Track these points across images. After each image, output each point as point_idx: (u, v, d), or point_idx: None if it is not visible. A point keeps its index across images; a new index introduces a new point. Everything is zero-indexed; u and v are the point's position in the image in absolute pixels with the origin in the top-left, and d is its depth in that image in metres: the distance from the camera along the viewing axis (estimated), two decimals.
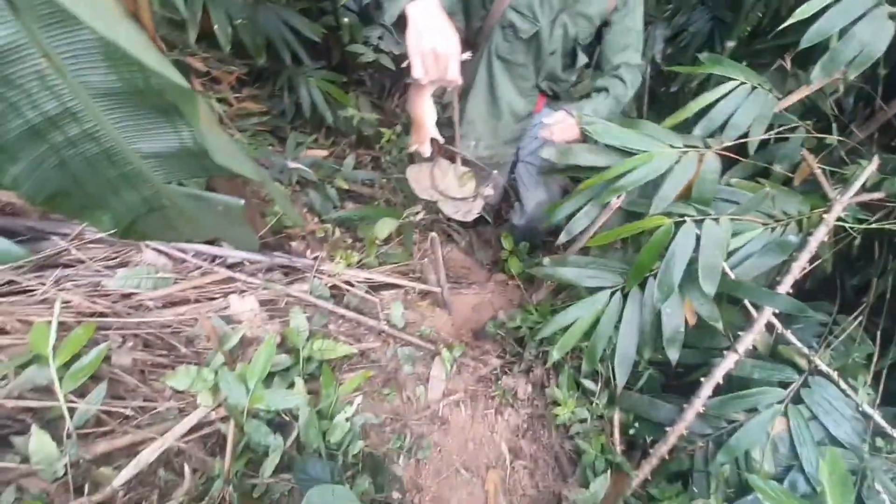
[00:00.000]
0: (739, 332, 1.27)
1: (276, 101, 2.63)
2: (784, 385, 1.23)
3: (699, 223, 1.19)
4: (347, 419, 1.13)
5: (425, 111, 1.07)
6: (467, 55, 1.01)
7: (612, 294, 1.33)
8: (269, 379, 1.21)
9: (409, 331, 1.62)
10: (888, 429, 1.14)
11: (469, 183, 1.28)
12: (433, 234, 1.40)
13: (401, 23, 0.95)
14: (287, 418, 1.17)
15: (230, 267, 1.46)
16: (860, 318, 1.31)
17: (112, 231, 1.15)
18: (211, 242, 1.50)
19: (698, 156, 1.24)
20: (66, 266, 1.27)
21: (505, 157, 1.71)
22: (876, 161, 1.27)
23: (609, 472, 1.22)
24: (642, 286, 1.31)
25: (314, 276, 1.52)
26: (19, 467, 0.89)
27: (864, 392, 1.17)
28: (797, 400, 1.21)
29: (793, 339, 1.24)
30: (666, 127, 1.32)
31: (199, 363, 1.21)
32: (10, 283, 1.21)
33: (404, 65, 0.98)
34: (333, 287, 1.58)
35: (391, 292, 1.75)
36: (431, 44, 0.92)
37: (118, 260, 1.37)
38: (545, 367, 1.52)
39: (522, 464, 1.33)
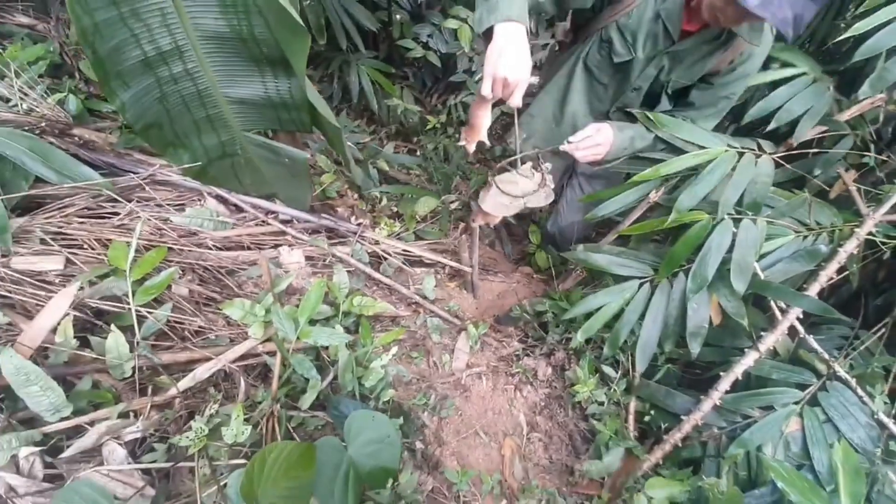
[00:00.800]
0: (762, 333, 1.31)
1: (325, 85, 2.76)
2: (802, 387, 1.27)
3: (737, 222, 1.25)
4: (382, 367, 1.21)
5: (482, 120, 1.13)
6: (535, 79, 1.07)
7: (641, 284, 1.39)
8: (311, 325, 1.29)
9: (438, 305, 1.69)
10: None
11: (533, 173, 1.32)
12: (476, 221, 1.47)
13: (487, 36, 0.97)
14: (325, 362, 1.25)
15: (282, 222, 1.56)
16: (881, 332, 1.34)
17: (188, 168, 1.26)
18: (266, 200, 1.61)
19: (755, 159, 1.29)
20: (138, 200, 1.38)
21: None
22: None
23: (622, 451, 1.26)
24: (671, 280, 1.37)
25: (357, 241, 1.61)
26: (94, 364, 0.98)
27: (881, 400, 1.20)
28: (813, 402, 1.25)
29: (814, 343, 1.27)
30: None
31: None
32: (87, 208, 1.32)
33: (476, 79, 1.05)
34: (372, 254, 1.66)
35: (424, 269, 1.83)
36: (506, 69, 0.93)
37: (183, 203, 1.47)
38: (567, 352, 1.58)
39: (538, 436, 1.38)
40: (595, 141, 1.28)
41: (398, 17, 2.79)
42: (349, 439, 0.91)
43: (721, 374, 1.31)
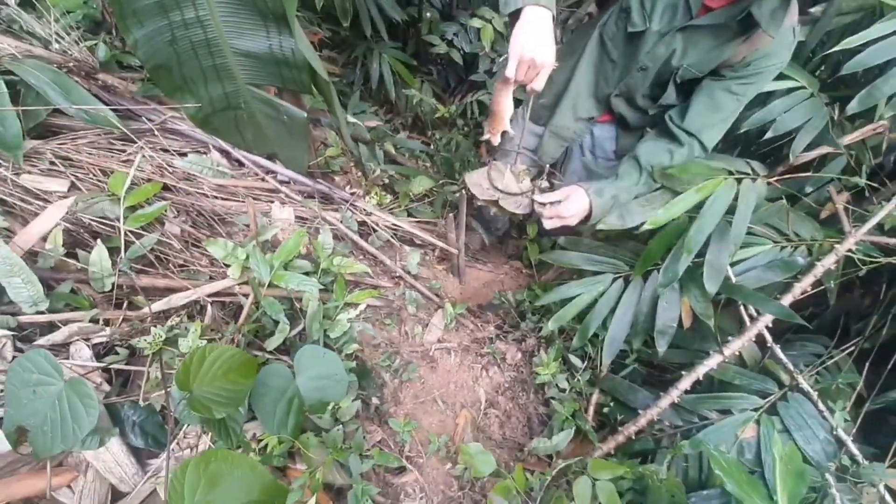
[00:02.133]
0: (730, 338, 1.31)
1: (347, 71, 2.87)
2: (763, 395, 1.26)
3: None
4: (349, 320, 1.25)
5: (505, 106, 1.10)
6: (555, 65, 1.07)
7: (616, 279, 1.41)
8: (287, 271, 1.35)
9: (420, 281, 1.74)
10: (859, 456, 1.15)
11: (525, 179, 1.34)
12: (463, 190, 1.52)
13: (513, 17, 0.96)
14: (298, 312, 1.30)
15: (279, 182, 1.63)
16: (851, 350, 1.32)
17: (193, 113, 1.34)
18: (268, 160, 1.69)
19: (752, 183, 1.26)
20: (147, 143, 1.47)
21: (551, 147, 1.55)
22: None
23: (575, 433, 1.27)
24: (645, 277, 1.38)
25: (347, 208, 1.67)
26: (77, 273, 1.06)
27: (841, 416, 1.18)
28: (773, 411, 1.24)
29: (780, 354, 1.27)
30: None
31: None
32: (98, 142, 1.41)
33: (501, 59, 1.05)
34: (362, 224, 1.72)
35: (413, 248, 1.88)
36: (533, 52, 0.93)
37: (189, 151, 1.56)
38: (538, 339, 1.59)
39: (495, 413, 1.40)
40: (561, 212, 1.23)
41: (428, 14, 2.89)
42: (298, 370, 0.95)
43: (682, 373, 1.32)
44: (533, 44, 0.94)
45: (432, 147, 2.89)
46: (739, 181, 1.25)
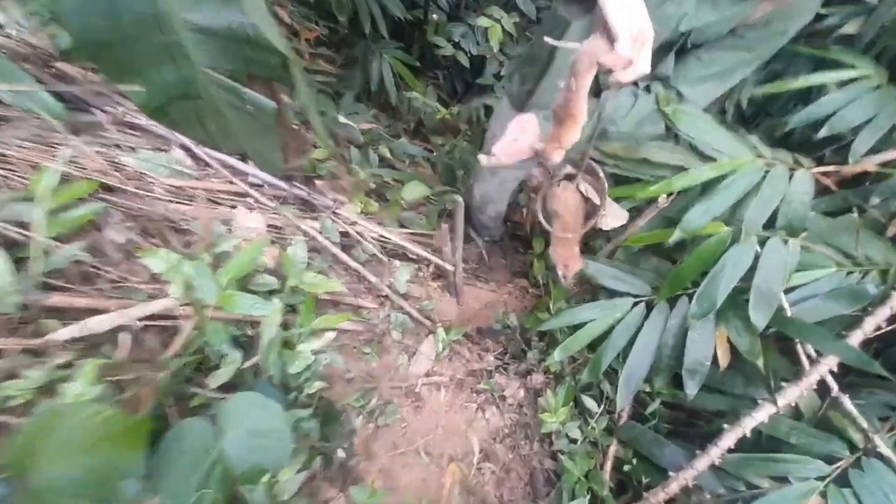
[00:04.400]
0: (782, 384, 1.06)
1: (347, 72, 2.70)
2: (829, 460, 1.00)
3: (763, 240, 1.02)
4: (313, 351, 1.03)
5: (581, 107, 0.81)
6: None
7: (636, 303, 1.17)
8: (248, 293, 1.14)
9: (410, 302, 1.51)
10: None
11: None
12: (458, 198, 1.30)
13: None
14: (252, 336, 1.08)
15: (250, 185, 1.43)
16: None
17: (144, 104, 1.15)
18: (242, 161, 1.49)
19: (788, 172, 1.05)
20: (97, 137, 1.28)
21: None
22: None
23: (590, 500, 1.02)
24: (672, 303, 1.14)
25: (328, 217, 1.46)
26: None
27: None
28: (843, 482, 0.98)
29: (850, 406, 1.01)
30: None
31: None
32: (39, 135, 1.23)
33: (618, 43, 0.74)
34: (345, 234, 1.51)
35: (406, 263, 1.66)
36: (641, 23, 0.71)
37: (147, 148, 1.37)
38: (546, 376, 1.35)
39: (491, 468, 1.16)
40: (525, 135, 0.97)
41: (434, 16, 2.73)
42: (227, 426, 0.73)
43: (725, 426, 1.06)
44: (637, 13, 0.70)
45: (435, 154, 2.70)
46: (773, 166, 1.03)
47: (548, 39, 0.76)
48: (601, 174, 0.95)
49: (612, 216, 1.05)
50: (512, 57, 2.70)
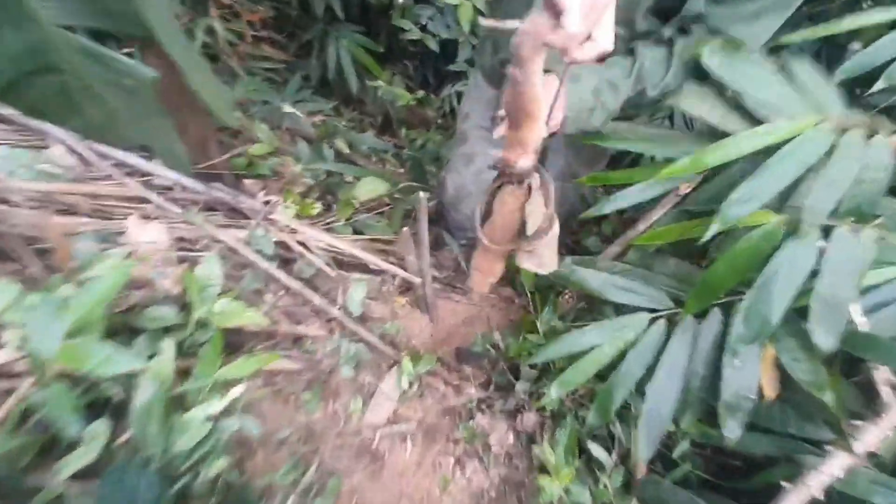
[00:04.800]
0: (856, 422, 0.79)
1: (303, 60, 2.41)
2: None
3: (825, 232, 0.75)
4: (209, 418, 0.72)
5: (536, 99, 0.62)
6: None
7: (654, 320, 0.89)
8: (129, 335, 0.83)
9: (367, 324, 1.22)
10: None
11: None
12: (421, 194, 1.02)
13: None
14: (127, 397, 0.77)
15: (154, 188, 1.12)
16: None
17: None
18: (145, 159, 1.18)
19: (863, 139, 0.78)
20: None
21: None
22: None
23: None
24: (701, 317, 0.87)
25: (259, 224, 1.16)
26: None
27: None
28: None
29: None
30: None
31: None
32: None
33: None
34: (283, 245, 1.20)
35: (366, 276, 1.36)
36: None
37: (13, 144, 1.06)
38: (541, 415, 1.07)
39: None
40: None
41: (401, 0, 2.46)
42: None
43: (783, 484, 0.79)
44: None
45: (406, 150, 2.42)
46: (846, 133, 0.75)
47: (483, 21, 0.63)
48: (546, 177, 0.75)
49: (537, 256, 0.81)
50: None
